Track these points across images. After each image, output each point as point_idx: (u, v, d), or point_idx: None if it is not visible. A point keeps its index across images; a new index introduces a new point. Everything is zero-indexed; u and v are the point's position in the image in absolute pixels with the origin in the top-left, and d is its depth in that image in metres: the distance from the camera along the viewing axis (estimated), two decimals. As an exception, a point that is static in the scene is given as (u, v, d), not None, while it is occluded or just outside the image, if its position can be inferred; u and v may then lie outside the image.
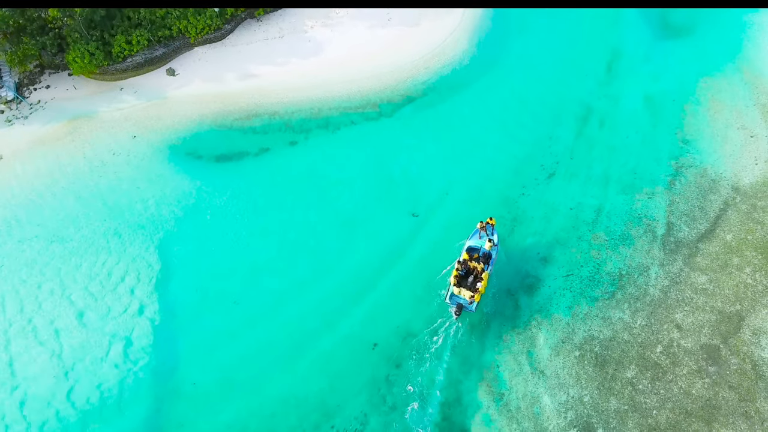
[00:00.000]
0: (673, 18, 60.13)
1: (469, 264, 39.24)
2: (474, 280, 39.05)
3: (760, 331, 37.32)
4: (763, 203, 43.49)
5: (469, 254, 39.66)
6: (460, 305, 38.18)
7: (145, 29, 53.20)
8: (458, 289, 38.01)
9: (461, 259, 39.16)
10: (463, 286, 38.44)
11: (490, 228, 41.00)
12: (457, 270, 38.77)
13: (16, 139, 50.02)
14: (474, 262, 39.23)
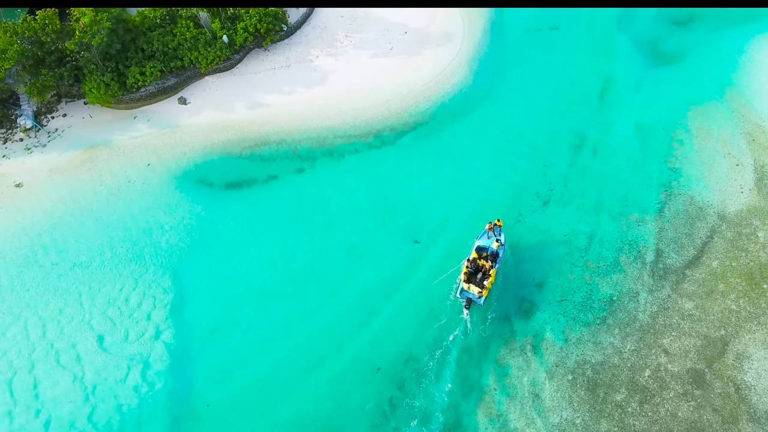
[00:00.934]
0: (664, 46, 61.93)
1: (478, 262, 42.16)
2: (482, 276, 41.93)
3: (743, 356, 39.12)
4: (747, 231, 45.31)
5: (478, 253, 42.77)
6: (469, 300, 41.04)
7: (158, 60, 55.01)
8: (468, 285, 40.98)
9: (471, 258, 42.07)
10: (473, 282, 41.43)
11: (498, 229, 43.75)
12: (467, 268, 41.37)
13: (36, 167, 51.77)
14: (483, 261, 42.16)
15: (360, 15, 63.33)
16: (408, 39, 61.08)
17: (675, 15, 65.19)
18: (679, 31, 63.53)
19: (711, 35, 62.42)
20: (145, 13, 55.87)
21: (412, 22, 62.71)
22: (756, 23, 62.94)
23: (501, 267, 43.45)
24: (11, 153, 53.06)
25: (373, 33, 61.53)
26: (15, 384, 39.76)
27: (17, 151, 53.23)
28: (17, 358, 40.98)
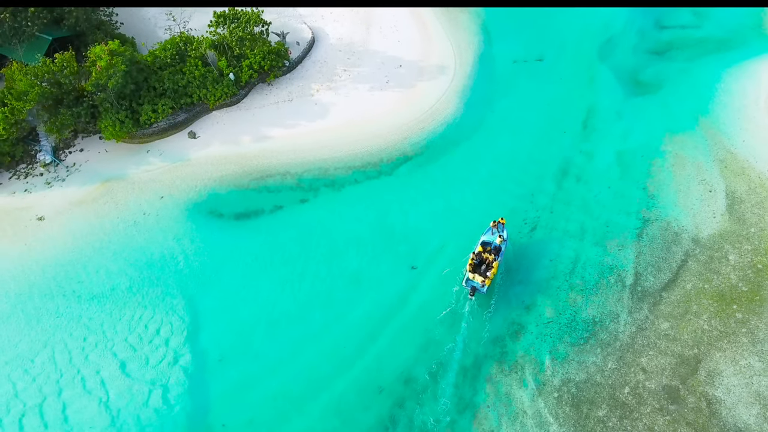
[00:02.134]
0: (643, 75, 64.96)
1: (482, 255, 46.76)
2: (486, 268, 46.46)
3: (714, 373, 42.26)
4: (719, 254, 48.46)
5: (483, 247, 47.75)
6: (474, 288, 46.18)
7: (169, 98, 57.95)
8: (473, 275, 45.75)
9: (476, 251, 46.65)
10: (477, 272, 46.09)
11: (501, 226, 48.36)
12: (472, 260, 45.86)
13: (57, 201, 54.60)
14: (486, 254, 46.99)
15: (358, 49, 66.24)
16: (403, 72, 63.97)
17: (653, 45, 68.34)
18: (658, 60, 66.51)
19: (688, 64, 65.47)
20: (156, 53, 58.77)
21: (406, 55, 65.53)
22: (730, 52, 66.09)
23: (503, 260, 47.87)
24: (32, 187, 55.83)
25: (369, 67, 64.40)
26: (45, 408, 42.62)
27: (38, 185, 56.01)
28: (46, 383, 43.85)
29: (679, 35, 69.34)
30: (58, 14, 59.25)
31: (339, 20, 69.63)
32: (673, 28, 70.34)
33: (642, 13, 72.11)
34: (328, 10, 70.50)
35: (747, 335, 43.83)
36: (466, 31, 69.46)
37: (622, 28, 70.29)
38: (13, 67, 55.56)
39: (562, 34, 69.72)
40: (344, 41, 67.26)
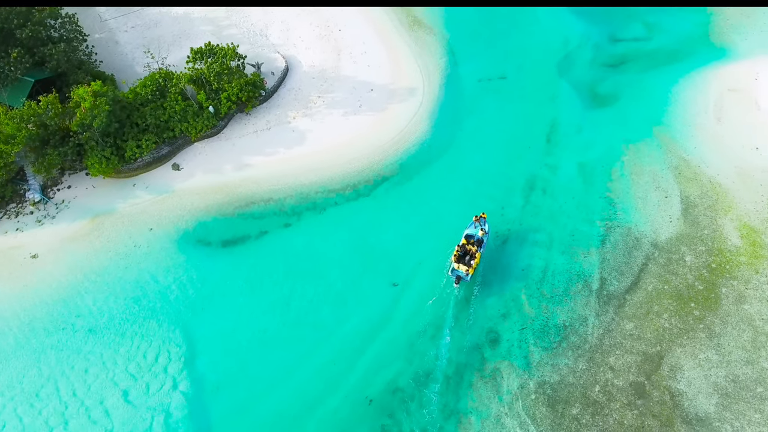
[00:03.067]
0: (600, 89, 68.69)
1: (466, 247, 51.39)
2: (469, 258, 51.12)
3: (676, 367, 45.94)
4: (676, 256, 52.27)
5: (466, 240, 52.45)
6: (459, 277, 50.83)
7: (152, 133, 60.33)
8: (458, 265, 50.65)
9: (461, 244, 51.46)
10: (462, 263, 50.81)
11: (483, 220, 53.68)
12: (457, 251, 50.98)
13: (49, 238, 56.68)
14: (470, 246, 51.61)
15: (330, 76, 69.11)
16: (374, 96, 66.98)
17: (609, 58, 72.23)
18: (613, 73, 70.40)
19: (641, 76, 69.46)
20: (137, 90, 61.12)
21: (377, 79, 68.53)
22: (680, 63, 70.22)
23: (485, 251, 52.50)
24: (24, 226, 57.85)
25: (342, 92, 67.31)
26: (54, 440, 44.90)
27: (29, 223, 58.03)
28: (52, 416, 46.20)
29: (632, 48, 73.28)
30: (39, 57, 61.24)
31: (310, 48, 72.42)
32: (626, 41, 74.29)
33: (597, 27, 75.98)
34: (299, 38, 73.28)
35: (704, 330, 47.60)
36: (433, 52, 72.60)
37: (578, 44, 73.97)
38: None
39: (523, 52, 73.24)
40: (317, 68, 70.07)
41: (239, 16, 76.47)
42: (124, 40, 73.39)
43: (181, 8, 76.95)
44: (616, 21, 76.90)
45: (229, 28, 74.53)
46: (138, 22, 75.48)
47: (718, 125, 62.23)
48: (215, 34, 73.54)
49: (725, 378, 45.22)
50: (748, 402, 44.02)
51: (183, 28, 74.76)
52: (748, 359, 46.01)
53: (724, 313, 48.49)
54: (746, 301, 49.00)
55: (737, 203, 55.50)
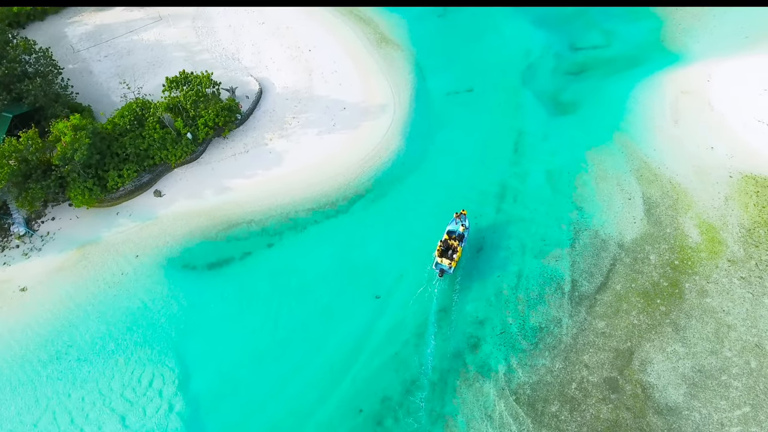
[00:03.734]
0: (563, 97, 71.62)
1: (448, 242, 54.71)
2: (452, 252, 54.32)
3: (646, 362, 48.79)
4: (641, 255, 55.25)
5: (448, 235, 55.69)
6: (442, 270, 54.32)
7: (133, 162, 61.85)
8: (441, 259, 53.81)
9: (443, 239, 54.88)
10: (445, 257, 54.16)
11: (463, 217, 56.98)
12: (440, 247, 54.32)
13: (36, 271, 57.92)
14: (452, 241, 54.87)
15: (303, 96, 71.18)
16: (347, 114, 69.18)
17: (570, 66, 75.29)
18: (575, 81, 73.44)
19: (601, 82, 72.57)
20: (115, 121, 62.57)
21: (349, 98, 70.76)
22: (637, 68, 73.48)
23: (466, 245, 56.61)
24: (10, 260, 59.01)
25: (316, 112, 69.42)
26: (56, 469, 46.28)
27: (15, 257, 59.21)
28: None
29: (591, 55, 76.47)
30: (17, 93, 62.37)
31: (282, 69, 74.45)
32: (585, 50, 77.50)
33: (557, 36, 79.20)
34: (271, 60, 75.31)
35: (670, 325, 50.55)
36: (401, 69, 75.08)
37: (540, 53, 77.00)
38: (-20, 149, 58.58)
39: (487, 64, 76.02)
40: (290, 89, 72.10)
41: (210, 41, 78.26)
42: (98, 70, 74.66)
43: (152, 36, 78.49)
44: (575, 30, 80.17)
45: (202, 53, 76.20)
46: (111, 51, 76.83)
47: (675, 127, 65.46)
48: (188, 60, 75.16)
49: (692, 369, 48.15)
50: (713, 390, 46.97)
51: (156, 55, 76.26)
52: (712, 350, 49.02)
53: (688, 308, 51.48)
54: (708, 294, 52.07)
55: (696, 201, 58.68)
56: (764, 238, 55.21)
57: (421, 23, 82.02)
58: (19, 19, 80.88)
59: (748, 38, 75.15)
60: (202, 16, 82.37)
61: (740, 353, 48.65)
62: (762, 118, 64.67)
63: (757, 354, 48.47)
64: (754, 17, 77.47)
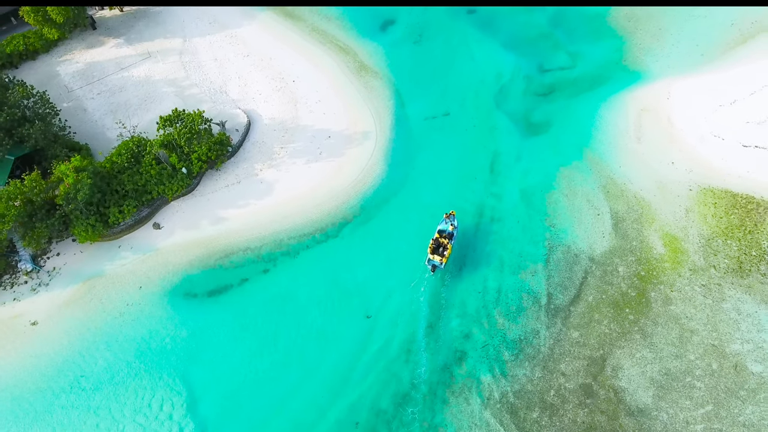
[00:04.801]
0: (534, 117, 75.55)
1: (439, 240, 60.22)
2: (443, 250, 59.64)
3: (617, 367, 52.75)
4: (610, 268, 59.25)
5: (439, 234, 61.39)
6: (434, 266, 59.35)
7: (132, 198, 64.83)
8: (433, 255, 59.32)
9: (434, 237, 60.60)
10: (436, 253, 59.67)
11: (452, 217, 62.59)
12: (431, 244, 59.96)
13: (46, 305, 60.71)
14: (443, 239, 60.35)
15: (290, 126, 74.41)
16: (332, 142, 72.56)
17: (539, 88, 79.25)
18: (544, 102, 77.42)
19: (569, 102, 76.60)
20: (113, 159, 65.54)
21: (333, 126, 74.07)
22: (602, 87, 77.63)
23: (455, 243, 61.98)
24: (20, 295, 61.74)
25: (302, 141, 72.73)
26: (77, 493, 49.26)
27: (25, 292, 61.95)
28: (72, 471, 50.49)
29: (558, 77, 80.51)
30: (18, 137, 65.10)
31: (269, 101, 77.70)
32: (553, 71, 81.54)
33: (526, 59, 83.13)
34: (257, 92, 78.53)
35: (638, 332, 54.60)
36: (381, 96, 78.58)
37: (511, 76, 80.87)
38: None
39: (462, 88, 79.73)
40: (276, 120, 75.35)
41: (198, 75, 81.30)
42: (92, 108, 77.44)
43: (142, 72, 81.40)
44: (542, 51, 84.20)
45: (191, 88, 79.27)
46: (103, 89, 79.65)
47: (638, 144, 69.67)
48: (178, 94, 78.23)
49: (659, 372, 52.19)
50: (679, 391, 51.04)
51: (147, 91, 79.21)
52: (677, 354, 53.11)
53: (655, 315, 55.57)
54: (672, 302, 56.21)
55: (659, 215, 62.86)
56: (722, 247, 59.45)
57: (397, 50, 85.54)
58: (12, 60, 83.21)
59: (703, 55, 79.60)
60: (188, 51, 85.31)
61: (702, 356, 52.75)
62: (717, 133, 69.03)
63: (717, 356, 52.61)
64: (709, 34, 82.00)
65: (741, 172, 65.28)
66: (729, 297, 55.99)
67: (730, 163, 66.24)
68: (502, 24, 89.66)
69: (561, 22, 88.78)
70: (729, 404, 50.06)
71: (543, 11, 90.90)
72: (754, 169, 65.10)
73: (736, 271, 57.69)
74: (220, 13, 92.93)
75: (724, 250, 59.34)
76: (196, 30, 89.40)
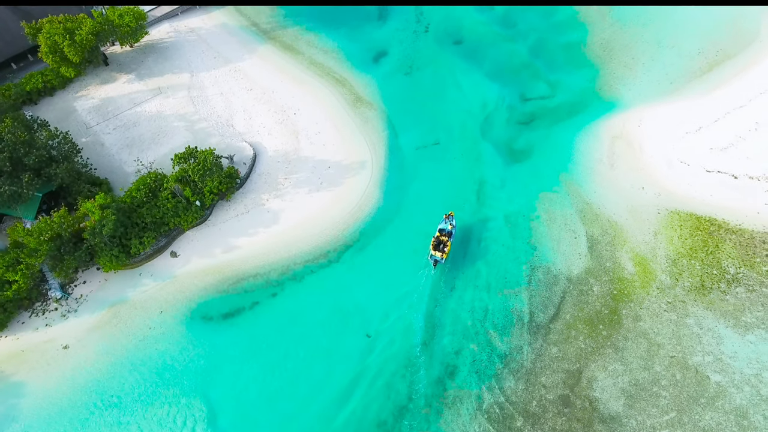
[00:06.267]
0: (516, 145, 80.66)
1: (440, 238, 67.07)
2: (443, 246, 66.43)
3: (592, 379, 57.98)
4: (586, 287, 64.47)
5: (440, 233, 67.99)
6: (436, 261, 66.66)
7: (151, 230, 69.74)
8: (435, 251, 66.12)
9: (436, 236, 67.33)
10: (438, 250, 66.37)
11: (451, 217, 69.33)
12: (433, 242, 66.61)
13: (75, 330, 65.51)
14: (443, 237, 67.30)
15: (292, 158, 79.33)
16: (332, 173, 77.52)
17: (521, 117, 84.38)
18: (526, 130, 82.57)
19: (548, 131, 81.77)
20: (132, 194, 70.43)
21: (332, 157, 79.03)
22: (578, 116, 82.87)
23: (454, 240, 68.75)
24: (51, 321, 66.53)
25: (304, 172, 77.69)
26: (112, 501, 54.29)
27: (55, 319, 66.73)
28: (107, 482, 55.51)
29: (539, 106, 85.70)
30: (46, 177, 69.92)
31: (272, 133, 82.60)
32: (534, 100, 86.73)
33: (509, 89, 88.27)
34: (262, 125, 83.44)
35: (611, 347, 59.86)
36: (375, 127, 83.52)
37: (495, 106, 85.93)
38: (18, 228, 66.20)
39: (450, 118, 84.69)
40: (280, 152, 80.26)
41: (206, 109, 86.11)
42: (109, 142, 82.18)
43: (154, 107, 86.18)
44: (524, 81, 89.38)
45: (200, 122, 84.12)
46: (118, 124, 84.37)
47: (612, 170, 74.96)
48: (188, 128, 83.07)
49: (629, 383, 57.48)
50: (647, 400, 56.33)
51: (159, 125, 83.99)
52: (644, 366, 58.40)
53: (625, 331, 60.86)
54: (641, 319, 61.51)
55: (630, 237, 68.16)
56: (686, 266, 64.81)
57: (390, 81, 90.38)
58: (32, 96, 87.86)
59: (672, 84, 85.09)
60: (195, 86, 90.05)
61: (668, 367, 58.09)
62: (684, 159, 74.40)
63: (681, 367, 57.95)
64: (677, 63, 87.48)
65: (704, 196, 70.59)
66: (692, 313, 61.26)
67: (694, 187, 71.55)
68: (486, 54, 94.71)
69: (541, 51, 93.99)
70: (691, 411, 55.34)
71: (524, 41, 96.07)
72: (716, 193, 70.47)
73: (699, 289, 62.97)
74: (222, 47, 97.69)
75: (688, 269, 64.63)
76: (201, 64, 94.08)
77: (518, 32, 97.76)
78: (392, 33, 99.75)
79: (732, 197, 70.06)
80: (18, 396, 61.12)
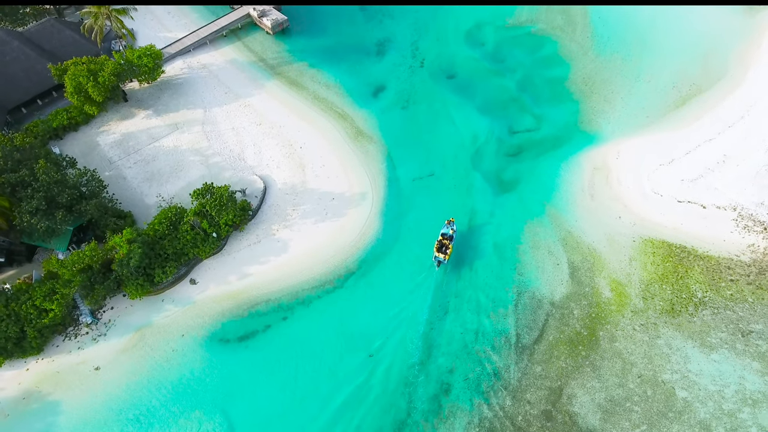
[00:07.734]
0: (505, 176, 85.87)
1: (443, 241, 74.27)
2: (445, 249, 73.58)
3: (572, 396, 63.21)
4: (567, 311, 69.71)
5: (442, 236, 74.94)
6: (439, 261, 73.35)
7: (173, 260, 75.09)
8: (438, 253, 73.28)
9: (439, 239, 74.44)
10: (441, 252, 73.39)
11: (452, 223, 76.81)
12: (437, 244, 74.05)
13: (105, 352, 70.73)
14: (445, 240, 74.51)
15: (299, 190, 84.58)
16: (336, 203, 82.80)
17: (509, 149, 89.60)
18: (513, 161, 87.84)
19: (534, 162, 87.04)
20: (155, 227, 75.76)
21: (336, 188, 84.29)
22: (562, 148, 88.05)
23: (455, 244, 75.49)
24: (83, 344, 71.75)
25: (310, 203, 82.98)
26: None
27: (87, 342, 71.97)
28: (139, 492, 60.76)
29: (525, 138, 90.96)
30: (77, 212, 75.29)
31: (280, 166, 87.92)
32: (521, 132, 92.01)
33: (498, 122, 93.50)
34: (271, 159, 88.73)
35: (589, 366, 65.12)
36: (375, 159, 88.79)
37: (485, 138, 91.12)
38: (53, 260, 71.55)
39: (444, 150, 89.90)
40: (288, 185, 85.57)
41: (219, 144, 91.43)
42: (131, 176, 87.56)
43: (171, 142, 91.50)
44: (512, 115, 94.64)
45: (214, 157, 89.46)
46: (139, 159, 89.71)
47: (592, 201, 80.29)
48: (203, 162, 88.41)
49: (605, 399, 62.73)
50: (620, 414, 61.57)
51: (177, 160, 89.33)
52: (619, 383, 63.66)
53: (602, 351, 66.10)
54: (617, 339, 66.80)
55: (607, 263, 73.48)
56: (658, 291, 70.12)
57: (388, 115, 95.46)
58: (58, 132, 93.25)
59: (647, 117, 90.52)
60: (209, 121, 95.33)
61: (640, 384, 63.34)
62: (657, 190, 79.74)
63: (652, 384, 63.19)
64: (653, 97, 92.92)
65: (676, 224, 75.95)
66: (662, 334, 66.56)
67: (667, 216, 76.91)
68: (477, 88, 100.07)
69: (527, 86, 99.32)
70: (660, 424, 60.57)
71: (512, 75, 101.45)
72: (686, 222, 75.83)
73: (669, 311, 68.29)
74: (232, 82, 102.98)
75: (659, 293, 69.94)
76: (213, 100, 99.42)
77: (506, 67, 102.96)
78: (390, 68, 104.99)
79: (701, 226, 75.35)
80: (55, 414, 66.22)
